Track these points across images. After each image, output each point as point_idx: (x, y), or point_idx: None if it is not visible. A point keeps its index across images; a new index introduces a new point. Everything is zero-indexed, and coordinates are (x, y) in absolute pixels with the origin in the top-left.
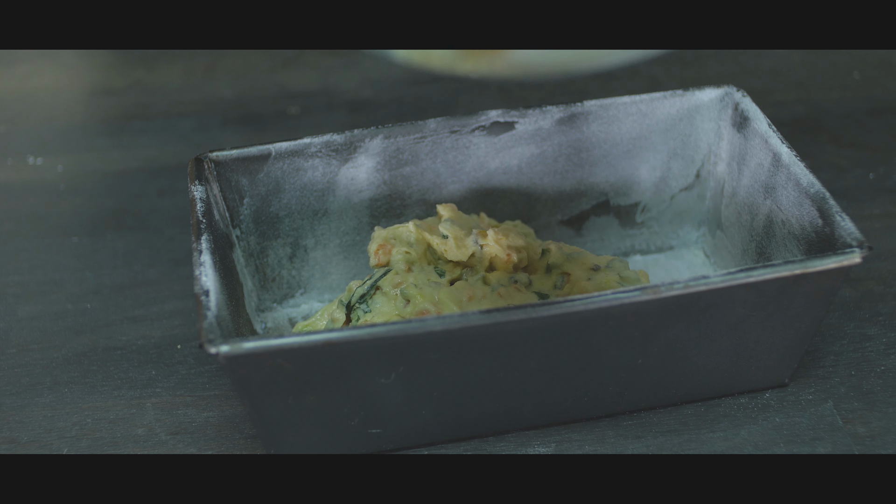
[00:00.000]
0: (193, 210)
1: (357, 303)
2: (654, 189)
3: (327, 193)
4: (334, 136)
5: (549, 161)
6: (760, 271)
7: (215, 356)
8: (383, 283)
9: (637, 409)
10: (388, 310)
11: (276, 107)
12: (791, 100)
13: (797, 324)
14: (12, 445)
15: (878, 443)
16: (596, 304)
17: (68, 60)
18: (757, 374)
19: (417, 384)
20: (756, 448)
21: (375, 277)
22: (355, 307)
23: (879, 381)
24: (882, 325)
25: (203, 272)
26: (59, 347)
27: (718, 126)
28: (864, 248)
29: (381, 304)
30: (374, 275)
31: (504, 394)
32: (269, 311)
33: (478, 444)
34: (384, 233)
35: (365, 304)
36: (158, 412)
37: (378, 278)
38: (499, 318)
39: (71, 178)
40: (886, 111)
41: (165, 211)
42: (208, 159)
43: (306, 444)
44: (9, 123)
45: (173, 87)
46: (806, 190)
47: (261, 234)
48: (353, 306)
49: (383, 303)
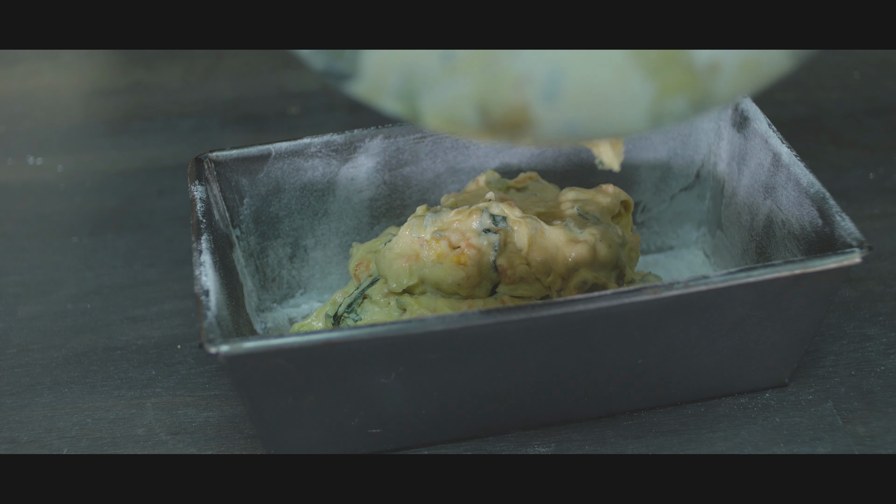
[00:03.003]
0: (193, 210)
1: (345, 312)
2: (654, 189)
3: (327, 193)
4: (334, 136)
5: (549, 161)
6: (760, 271)
7: (215, 356)
8: (371, 291)
9: (637, 409)
10: (381, 318)
11: (276, 107)
12: (791, 100)
13: (797, 324)
14: (12, 445)
15: (878, 443)
16: (596, 304)
17: (68, 60)
18: (757, 374)
19: (417, 384)
20: (756, 448)
21: (363, 286)
22: (344, 317)
23: (879, 381)
24: (882, 325)
25: (203, 272)
26: (59, 347)
27: (718, 126)
28: (864, 248)
29: (371, 313)
30: (361, 283)
31: (504, 394)
32: (269, 311)
33: (478, 444)
34: (362, 249)
35: (354, 313)
36: (158, 412)
37: (366, 287)
38: (499, 318)
39: (71, 178)
40: (886, 111)
41: (165, 211)
42: (208, 159)
43: (306, 444)
44: (9, 123)
45: (173, 87)
46: (806, 190)
47: (261, 234)
48: (340, 316)
49: (374, 312)
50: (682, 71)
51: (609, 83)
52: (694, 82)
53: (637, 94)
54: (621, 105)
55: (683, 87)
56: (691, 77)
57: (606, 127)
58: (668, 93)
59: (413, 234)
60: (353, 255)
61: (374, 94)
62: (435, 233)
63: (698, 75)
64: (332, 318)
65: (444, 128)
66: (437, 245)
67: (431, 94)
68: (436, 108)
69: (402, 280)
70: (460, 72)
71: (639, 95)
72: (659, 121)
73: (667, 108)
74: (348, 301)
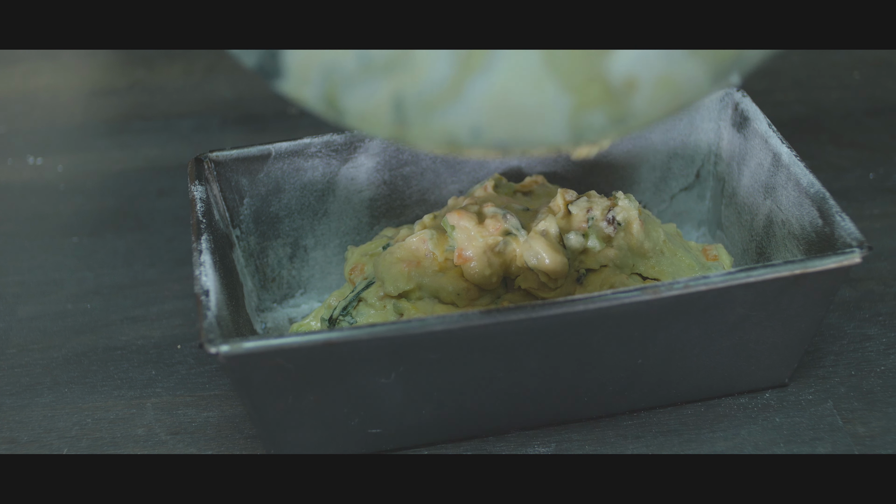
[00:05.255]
0: (193, 210)
1: (340, 315)
2: (654, 189)
3: (327, 193)
4: (334, 136)
5: (550, 161)
6: (760, 271)
7: (215, 356)
8: (367, 294)
9: (637, 409)
10: (377, 321)
11: (276, 107)
12: (791, 100)
13: (797, 324)
14: (12, 445)
15: (878, 443)
16: (596, 304)
17: (68, 60)
18: (757, 374)
19: (417, 384)
20: (756, 448)
21: (358, 289)
22: (339, 320)
23: (879, 381)
24: (882, 325)
25: (203, 272)
26: (59, 347)
27: (718, 126)
28: (864, 248)
29: (367, 316)
30: (356, 286)
31: (504, 394)
32: (269, 311)
33: (478, 444)
34: (357, 253)
35: (349, 315)
36: (158, 412)
37: (361, 290)
38: (499, 318)
39: (71, 178)
40: (886, 111)
41: (165, 211)
42: (208, 159)
43: (306, 444)
44: (9, 123)
45: (173, 87)
46: (806, 190)
47: (261, 234)
48: (335, 320)
49: (369, 314)
50: (597, 86)
51: (525, 94)
52: (610, 97)
53: (554, 105)
54: (540, 117)
55: (600, 102)
56: (607, 92)
57: (529, 138)
58: (586, 106)
59: (419, 242)
60: (349, 259)
61: (300, 92)
62: (446, 248)
63: (614, 91)
64: (327, 322)
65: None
66: (440, 255)
67: (351, 94)
68: (356, 108)
69: (399, 284)
70: (377, 72)
71: (556, 107)
72: (580, 134)
73: (585, 122)
74: (343, 304)
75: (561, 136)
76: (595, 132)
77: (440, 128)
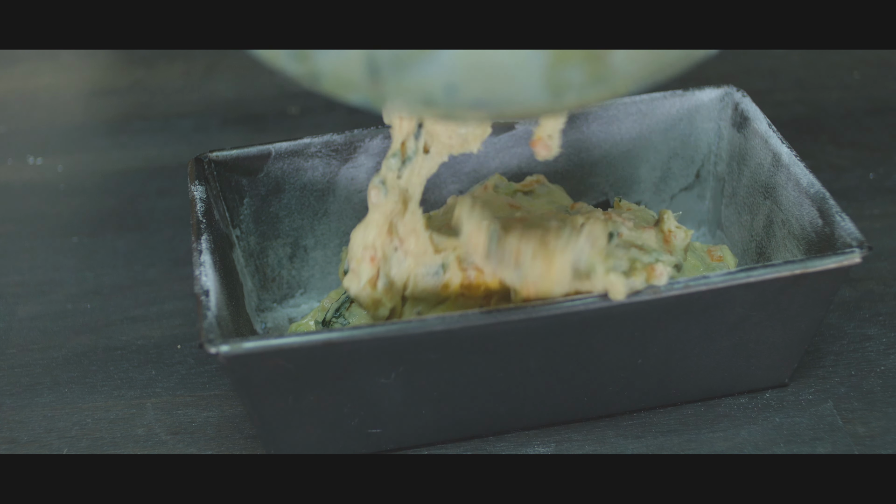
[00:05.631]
0: (193, 210)
1: (333, 317)
2: (654, 189)
3: (327, 193)
4: (334, 136)
5: (549, 161)
6: (760, 271)
7: (215, 356)
8: None
9: (637, 409)
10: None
11: (276, 107)
12: (791, 100)
13: (797, 324)
14: (12, 445)
15: (878, 443)
16: (596, 304)
17: (68, 60)
18: (757, 374)
19: (417, 384)
20: (756, 448)
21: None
22: (332, 322)
23: (879, 381)
24: (882, 325)
25: (203, 272)
26: (59, 347)
27: (718, 126)
28: (864, 248)
29: (360, 317)
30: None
31: (504, 394)
32: (269, 311)
33: (478, 444)
34: None
35: (342, 317)
36: (158, 412)
37: None
38: (499, 318)
39: (71, 178)
40: (886, 111)
41: (165, 211)
42: (208, 159)
43: (306, 444)
44: (9, 123)
45: (173, 87)
46: (806, 190)
47: (261, 234)
48: (329, 321)
49: (362, 315)
50: None
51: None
52: (587, 53)
53: (529, 60)
54: (515, 73)
55: (577, 57)
56: None
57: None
58: (563, 61)
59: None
60: (343, 260)
61: (273, 55)
62: None
63: None
64: (321, 324)
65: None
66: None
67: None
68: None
69: None
70: None
71: (531, 62)
72: (559, 93)
73: (564, 79)
74: (335, 306)
75: (539, 94)
76: (575, 91)
77: (415, 85)
